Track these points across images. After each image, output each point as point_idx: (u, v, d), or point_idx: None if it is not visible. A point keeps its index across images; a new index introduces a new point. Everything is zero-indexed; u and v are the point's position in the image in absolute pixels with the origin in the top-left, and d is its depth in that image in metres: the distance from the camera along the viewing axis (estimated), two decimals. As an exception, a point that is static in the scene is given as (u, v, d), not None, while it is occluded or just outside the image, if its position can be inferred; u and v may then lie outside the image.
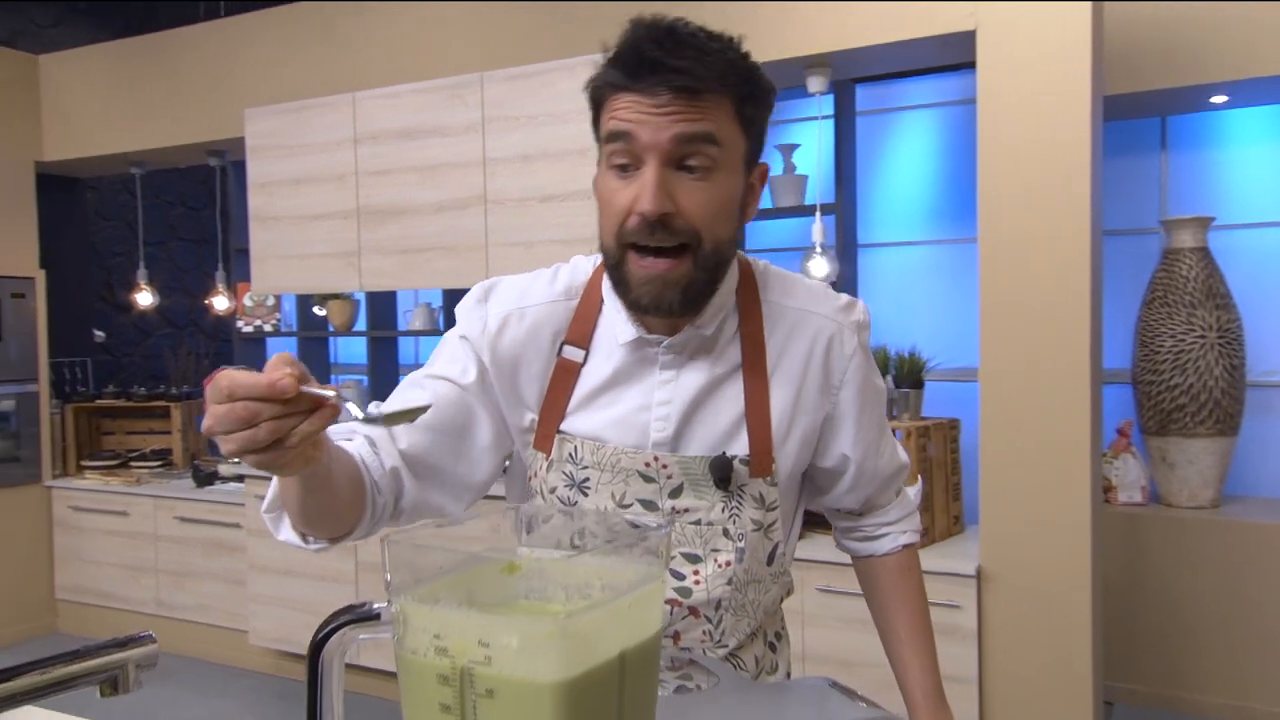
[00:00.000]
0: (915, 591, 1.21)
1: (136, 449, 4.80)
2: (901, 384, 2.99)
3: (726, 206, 0.95)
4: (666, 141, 0.91)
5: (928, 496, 2.90)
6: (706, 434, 1.03)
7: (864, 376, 1.08)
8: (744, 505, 1.03)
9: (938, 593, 2.69)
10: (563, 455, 1.04)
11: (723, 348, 1.04)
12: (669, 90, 0.90)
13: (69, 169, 4.88)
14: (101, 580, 4.48)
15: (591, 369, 1.05)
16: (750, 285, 1.06)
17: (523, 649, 0.52)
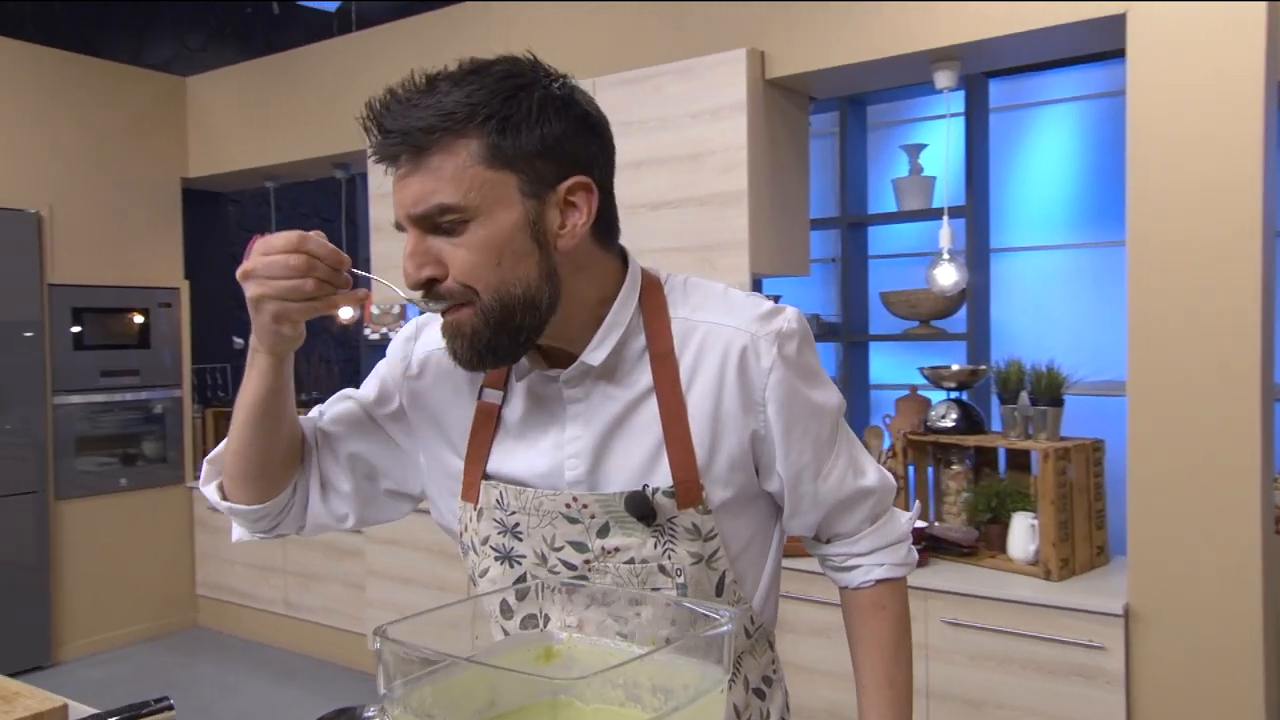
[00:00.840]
0: (888, 632, 1.07)
1: (270, 453, 4.98)
2: (1038, 401, 2.75)
3: (496, 253, 0.89)
4: (408, 212, 0.90)
5: (1065, 525, 2.65)
6: (624, 466, 0.96)
7: (788, 391, 0.98)
8: (677, 539, 0.96)
9: (1078, 631, 2.46)
10: (490, 501, 1.01)
11: (630, 372, 0.98)
12: (398, 154, 0.89)
13: (211, 184, 5.11)
14: (236, 579, 4.66)
15: (510, 410, 1.02)
16: (656, 301, 0.99)
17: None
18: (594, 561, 0.96)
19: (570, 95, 0.93)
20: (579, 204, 0.92)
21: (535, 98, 0.90)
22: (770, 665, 1.10)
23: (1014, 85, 3.65)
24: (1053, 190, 3.61)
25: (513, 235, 0.89)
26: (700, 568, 0.97)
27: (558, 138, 0.90)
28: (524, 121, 0.89)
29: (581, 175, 0.92)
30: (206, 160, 4.85)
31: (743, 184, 2.99)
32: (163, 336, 4.76)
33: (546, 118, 0.90)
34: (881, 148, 3.96)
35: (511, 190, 0.89)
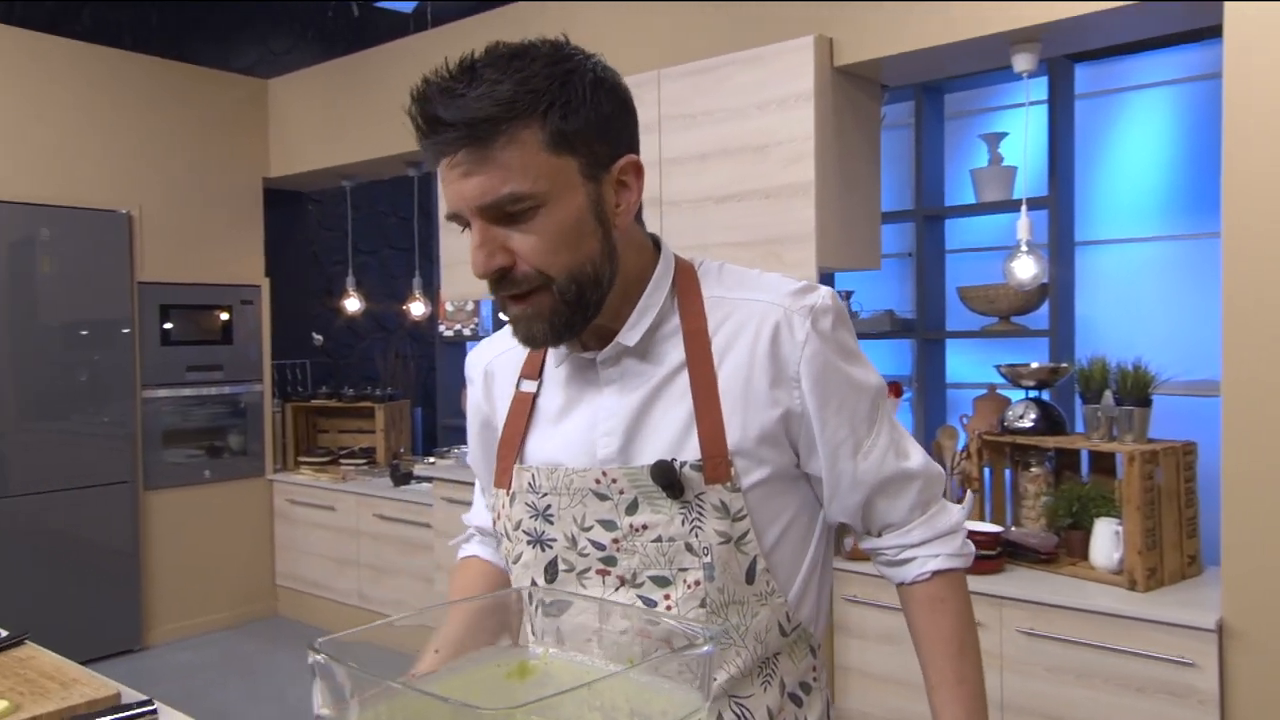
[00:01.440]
0: (950, 627, 1.04)
1: (346, 447, 5.08)
2: (1123, 401, 2.60)
3: (567, 236, 0.90)
4: (473, 205, 0.88)
5: (1153, 532, 2.50)
6: (656, 442, 0.96)
7: (822, 365, 0.97)
8: (705, 516, 0.94)
9: (1167, 646, 2.31)
10: (523, 485, 1.02)
11: (663, 351, 0.99)
12: (457, 147, 0.87)
13: (291, 184, 5.24)
14: (313, 570, 4.76)
15: (545, 398, 1.04)
16: (690, 281, 1.01)
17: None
18: (622, 541, 0.96)
19: (613, 75, 0.95)
20: (630, 183, 0.94)
21: (587, 80, 0.90)
22: (810, 671, 1.05)
23: (1101, 70, 3.47)
24: (1143, 180, 3.43)
25: (580, 218, 0.90)
26: (729, 549, 0.95)
27: (609, 118, 0.92)
28: (581, 104, 0.89)
29: (630, 154, 0.94)
30: (286, 160, 4.96)
31: (810, 175, 2.91)
32: (245, 333, 4.89)
33: (599, 99, 0.91)
34: (960, 138, 3.82)
35: (574, 174, 0.90)
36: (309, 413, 5.21)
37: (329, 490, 4.65)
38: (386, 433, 4.96)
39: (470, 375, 1.16)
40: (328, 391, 5.20)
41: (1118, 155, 3.47)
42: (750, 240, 3.03)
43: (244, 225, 4.96)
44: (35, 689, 1.51)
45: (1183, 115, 3.33)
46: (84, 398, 4.31)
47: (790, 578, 1.01)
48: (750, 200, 3.03)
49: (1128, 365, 2.65)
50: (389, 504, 4.35)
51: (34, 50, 4.24)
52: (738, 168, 3.06)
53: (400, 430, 5.06)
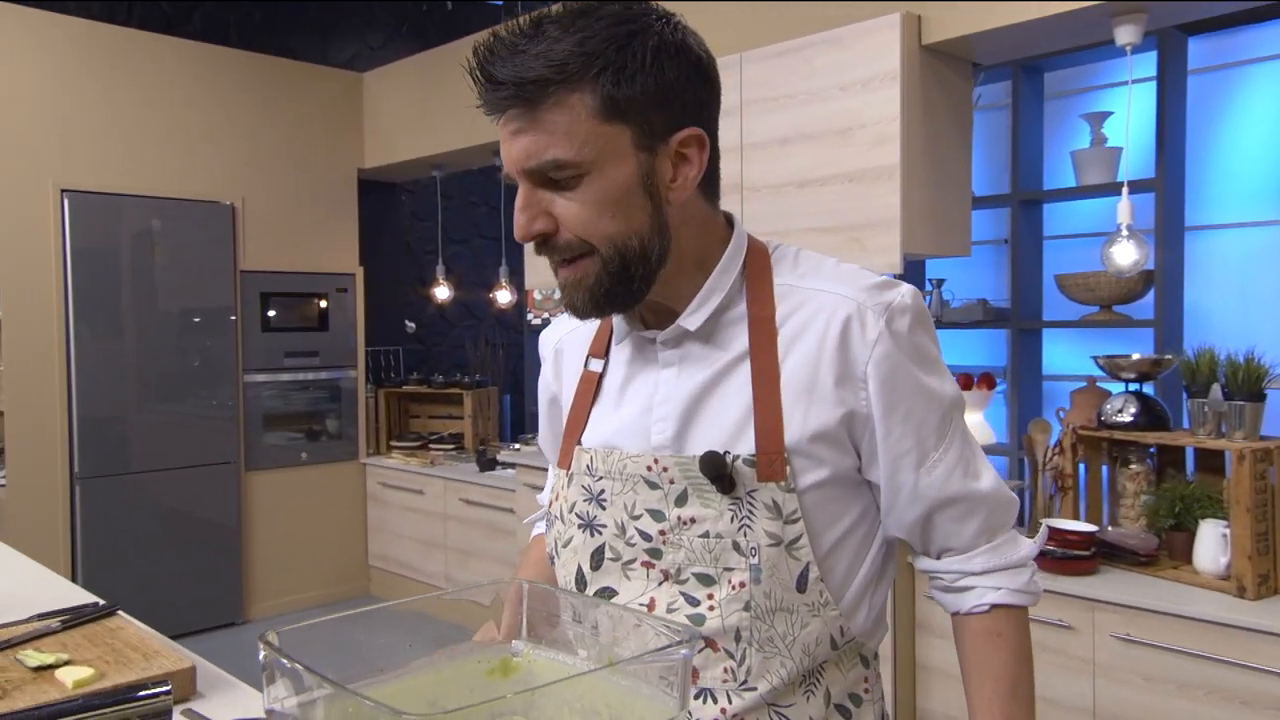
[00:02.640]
0: (1004, 664, 0.95)
1: (436, 432, 5.19)
2: (1233, 395, 2.44)
3: (611, 207, 0.86)
4: (518, 166, 0.87)
5: (1265, 536, 2.34)
6: (712, 432, 0.92)
7: (893, 367, 0.91)
8: (756, 516, 0.89)
9: (1276, 658, 2.16)
10: (581, 467, 0.99)
11: (727, 337, 0.94)
12: (506, 106, 0.85)
13: (384, 174, 5.36)
14: (403, 552, 4.89)
15: (609, 378, 1.02)
16: (761, 266, 0.95)
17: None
18: (669, 533, 0.92)
19: (683, 39, 0.89)
20: (690, 157, 0.90)
21: (650, 45, 0.86)
22: (861, 682, 0.99)
23: (1217, 42, 3.26)
24: (1260, 160, 3.20)
25: (626, 189, 0.87)
26: (779, 552, 0.90)
27: (671, 86, 0.87)
28: (638, 71, 0.85)
29: (693, 126, 0.89)
30: (380, 152, 5.08)
31: (895, 158, 2.81)
32: (340, 320, 5.04)
33: (660, 65, 0.86)
34: (1061, 118, 3.64)
35: (625, 143, 0.86)
36: (401, 398, 5.33)
37: (418, 474, 4.75)
38: (474, 419, 5.04)
39: (543, 353, 1.15)
40: (419, 378, 5.32)
41: (1233, 134, 3.25)
42: (833, 226, 2.95)
43: (339, 215, 5.10)
44: (120, 658, 1.58)
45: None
46: (195, 382, 4.51)
47: (845, 588, 0.95)
48: (833, 185, 2.95)
49: (1238, 357, 2.48)
50: (475, 489, 4.42)
51: (149, 50, 4.45)
52: (820, 151, 2.98)
53: (488, 416, 5.13)
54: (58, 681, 1.44)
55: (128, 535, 4.27)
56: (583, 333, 1.08)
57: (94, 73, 4.28)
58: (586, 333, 1.07)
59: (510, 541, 4.19)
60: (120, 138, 4.35)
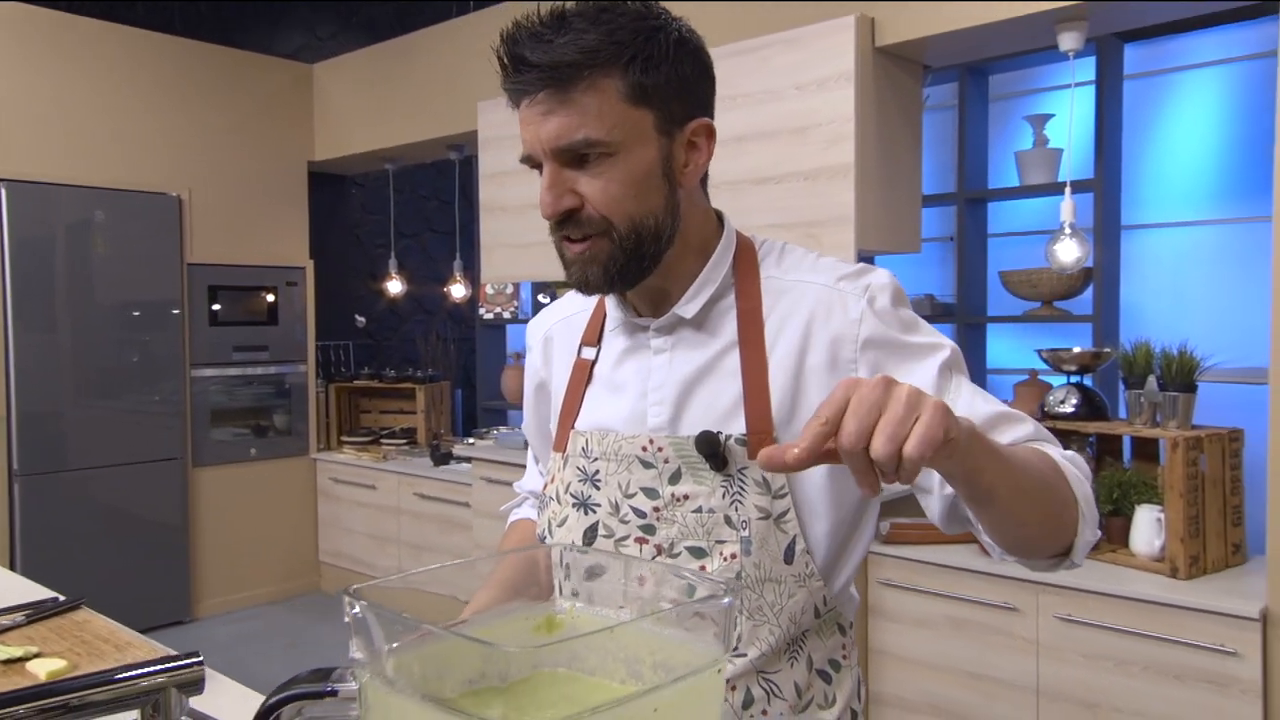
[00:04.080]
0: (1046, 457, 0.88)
1: (387, 427, 5.16)
2: (1168, 386, 2.56)
3: (634, 186, 0.92)
4: (548, 146, 0.90)
5: (1196, 520, 2.47)
6: (704, 415, 0.98)
7: (881, 339, 0.95)
8: (746, 491, 0.95)
9: (1208, 635, 2.28)
10: (576, 450, 1.04)
11: (717, 325, 1.00)
12: (539, 88, 0.89)
13: (335, 167, 5.31)
14: (354, 547, 4.85)
15: (601, 365, 1.06)
16: (749, 260, 1.01)
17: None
18: (663, 510, 0.97)
19: (696, 39, 0.97)
20: (700, 145, 0.96)
21: (671, 39, 0.92)
22: (840, 649, 1.05)
23: (1151, 49, 3.40)
24: (1193, 162, 3.35)
25: (649, 170, 0.92)
26: (768, 525, 0.95)
27: (688, 78, 0.94)
28: (662, 61, 0.91)
29: (704, 117, 0.96)
30: (330, 144, 5.03)
31: (849, 157, 2.89)
32: (290, 314, 4.98)
33: (681, 58, 0.93)
34: (1005, 120, 3.76)
35: (649, 128, 0.92)
36: (351, 393, 5.29)
37: (370, 469, 4.73)
38: (427, 413, 5.03)
39: (530, 342, 1.19)
40: (370, 373, 5.28)
41: (1167, 137, 3.40)
42: (789, 222, 3.02)
43: (289, 208, 5.04)
44: (92, 650, 1.57)
45: (1234, 95, 3.25)
46: (139, 377, 4.42)
47: (830, 561, 1.00)
48: (789, 182, 3.02)
49: (1172, 350, 2.60)
50: (429, 483, 4.41)
51: (91, 37, 4.34)
52: (777, 150, 3.05)
53: (440, 411, 5.12)
54: (30, 674, 1.43)
55: (70, 533, 4.18)
56: (574, 321, 1.12)
57: (32, 58, 4.17)
58: (578, 322, 1.11)
59: (466, 535, 4.20)
60: (60, 126, 4.24)
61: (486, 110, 4.02)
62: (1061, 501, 0.86)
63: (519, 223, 3.92)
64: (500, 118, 3.96)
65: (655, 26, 0.91)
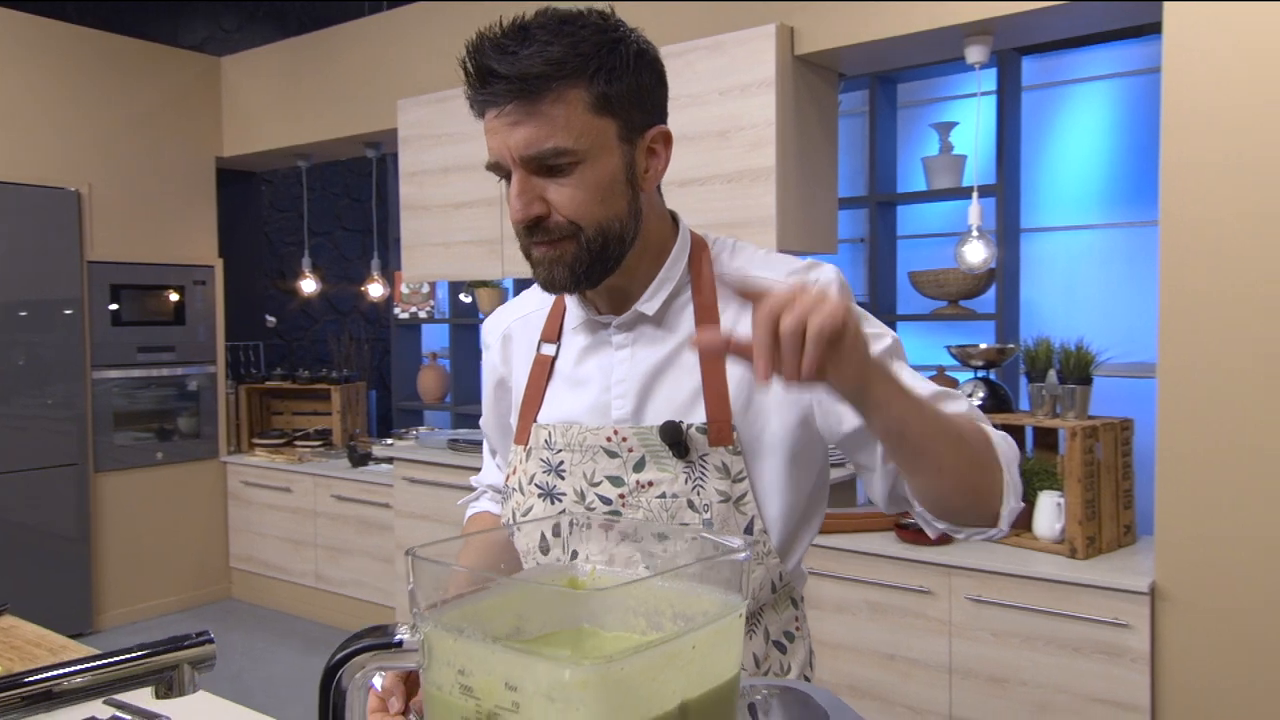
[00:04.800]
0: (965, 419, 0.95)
1: (301, 429, 5.06)
2: (1066, 380, 2.74)
3: (600, 192, 0.96)
4: (517, 154, 0.93)
5: (1092, 503, 2.65)
6: (666, 407, 1.03)
7: None
8: (707, 475, 1.00)
9: (1103, 609, 2.46)
10: (539, 442, 1.08)
11: (675, 321, 1.05)
12: (507, 100, 0.92)
13: (245, 163, 5.18)
14: (268, 552, 4.75)
15: (562, 360, 1.10)
16: (703, 258, 1.07)
17: (555, 697, 0.44)
18: (628, 496, 1.01)
19: (652, 49, 1.00)
20: (658, 151, 1.01)
21: (631, 51, 0.96)
22: (793, 621, 1.13)
23: (1047, 63, 3.61)
24: (1085, 170, 3.58)
25: (614, 177, 0.96)
26: (728, 507, 1.01)
27: (647, 87, 0.98)
28: (624, 72, 0.95)
29: (661, 124, 1.01)
30: (240, 140, 4.91)
31: (771, 161, 2.99)
32: (198, 314, 4.84)
33: (640, 69, 0.97)
34: (911, 126, 3.94)
35: (612, 136, 0.95)
36: (263, 395, 5.17)
37: (285, 472, 4.63)
38: (343, 414, 4.96)
39: (487, 340, 1.22)
40: (283, 373, 5.17)
41: (1062, 145, 3.62)
42: (712, 224, 3.10)
43: (196, 205, 4.90)
44: (24, 655, 1.54)
45: (1122, 108, 3.49)
46: (30, 379, 4.24)
47: (785, 539, 1.06)
48: (712, 184, 3.11)
49: (1070, 346, 2.78)
50: (347, 485, 4.36)
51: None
52: (700, 153, 3.13)
53: (356, 413, 5.05)
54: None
55: (-36, 544, 3.98)
56: (533, 320, 1.16)
57: (-80, 45, 3.96)
58: (536, 320, 1.15)
59: (386, 536, 4.16)
60: (-50, 117, 4.04)
61: (406, 108, 3.99)
62: (984, 462, 0.94)
63: (441, 222, 3.91)
64: (420, 116, 3.95)
65: (616, 39, 0.95)
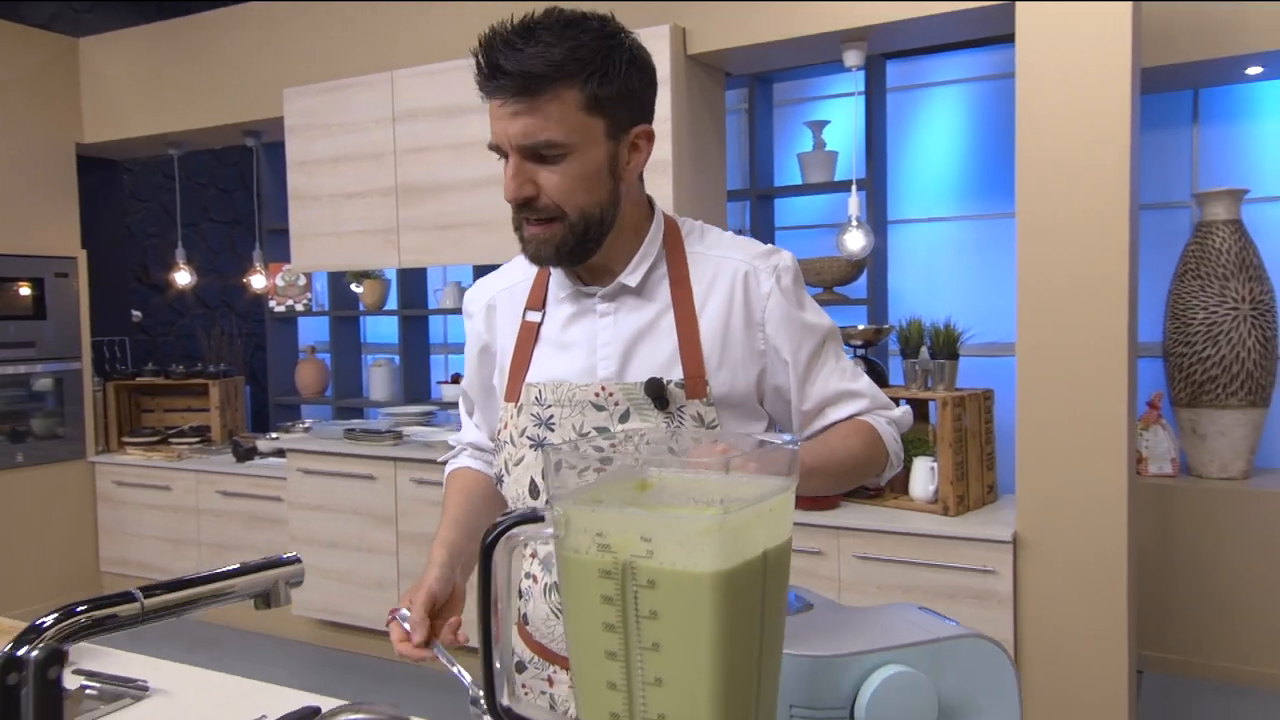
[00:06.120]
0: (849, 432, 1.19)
1: (175, 426, 4.90)
2: (937, 355, 3.03)
3: (586, 181, 1.08)
4: (514, 142, 1.05)
5: (961, 466, 2.95)
6: (647, 365, 1.16)
7: (782, 313, 1.17)
8: (685, 425, 1.14)
9: (973, 558, 2.75)
10: (530, 399, 1.19)
11: (654, 293, 1.18)
12: (510, 94, 1.04)
13: (107, 151, 4.95)
14: (145, 553, 4.58)
15: (548, 327, 1.22)
16: (676, 238, 1.20)
17: (683, 543, 0.58)
18: (617, 444, 1.13)
19: (645, 53, 1.13)
20: (641, 147, 1.12)
21: (625, 56, 1.07)
22: None
23: (908, 66, 3.93)
24: (944, 166, 3.92)
25: (598, 169, 1.08)
26: None
27: (635, 90, 1.09)
28: (616, 76, 1.06)
29: (646, 123, 1.12)
30: (103, 126, 4.70)
31: (668, 154, 3.16)
32: (60, 307, 4.61)
33: (631, 73, 1.08)
34: (785, 124, 4.19)
35: (600, 133, 1.07)
36: (132, 392, 4.97)
37: (164, 469, 4.49)
38: (222, 410, 4.83)
39: (469, 310, 1.33)
40: (155, 369, 4.98)
41: (922, 143, 3.95)
42: (612, 213, 3.24)
43: (56, 193, 4.66)
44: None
45: (975, 110, 3.84)
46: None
47: None
48: (611, 176, 3.25)
49: (940, 325, 3.07)
50: (234, 480, 4.27)
51: None
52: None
53: (236, 408, 4.93)
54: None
55: None
56: (518, 290, 1.27)
57: None
58: (521, 290, 1.27)
59: (279, 530, 4.11)
60: None
61: (294, 97, 3.95)
62: (874, 463, 1.20)
63: (332, 211, 3.89)
64: (309, 105, 3.92)
65: (614, 45, 1.07)
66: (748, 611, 0.61)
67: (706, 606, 0.58)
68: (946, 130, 3.91)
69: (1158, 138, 3.78)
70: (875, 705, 0.75)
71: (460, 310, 4.46)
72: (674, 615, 0.59)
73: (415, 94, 3.63)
